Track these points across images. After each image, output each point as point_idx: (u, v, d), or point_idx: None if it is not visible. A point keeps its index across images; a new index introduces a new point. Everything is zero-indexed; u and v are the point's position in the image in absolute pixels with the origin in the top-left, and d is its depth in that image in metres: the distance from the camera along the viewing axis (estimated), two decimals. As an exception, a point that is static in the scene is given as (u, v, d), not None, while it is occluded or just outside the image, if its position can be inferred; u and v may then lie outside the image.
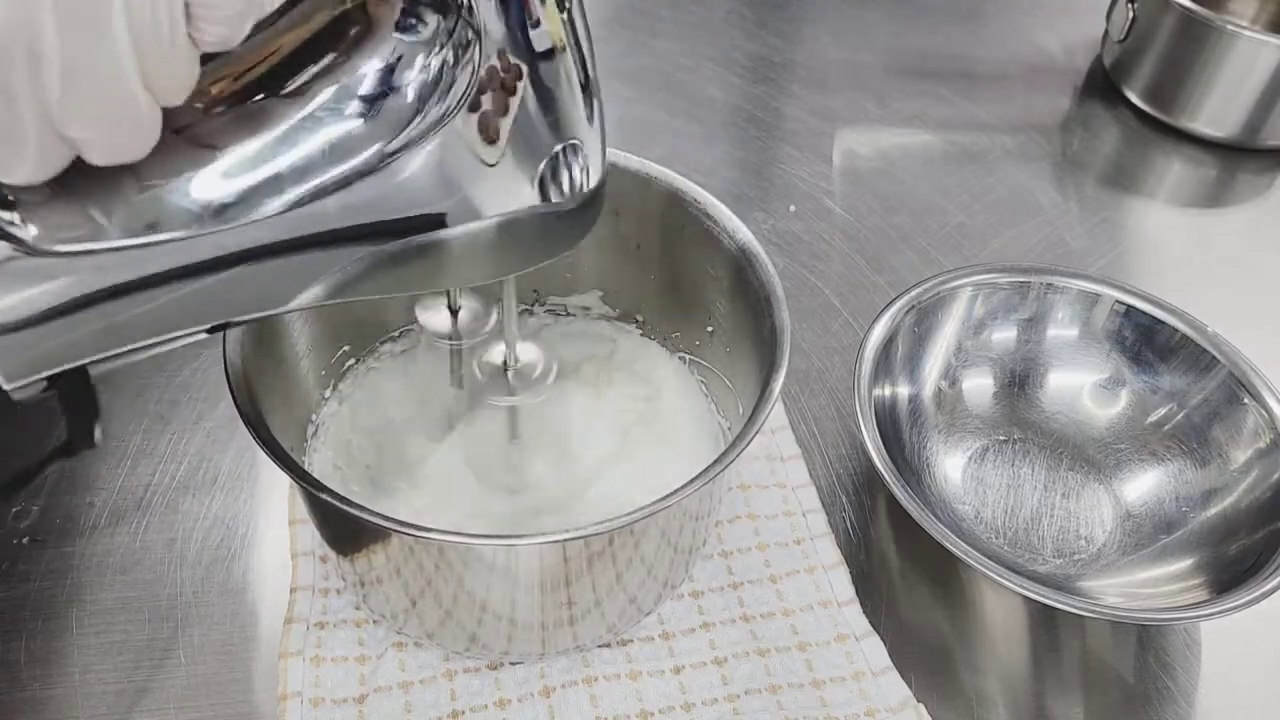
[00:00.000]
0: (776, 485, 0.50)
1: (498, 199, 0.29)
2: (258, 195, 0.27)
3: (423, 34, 0.27)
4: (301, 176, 0.27)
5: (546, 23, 0.28)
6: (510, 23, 0.27)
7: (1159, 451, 0.50)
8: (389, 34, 0.27)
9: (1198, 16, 0.69)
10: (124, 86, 0.21)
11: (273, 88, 0.26)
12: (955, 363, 0.53)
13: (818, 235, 0.65)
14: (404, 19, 0.27)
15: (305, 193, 0.27)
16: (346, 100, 0.27)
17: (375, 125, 0.27)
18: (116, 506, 0.47)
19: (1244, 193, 0.73)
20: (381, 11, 0.27)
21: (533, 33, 0.27)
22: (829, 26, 0.85)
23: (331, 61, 0.26)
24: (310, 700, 0.40)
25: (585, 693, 0.42)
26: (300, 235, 0.28)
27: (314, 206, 0.27)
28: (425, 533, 0.33)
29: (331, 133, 0.27)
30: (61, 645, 0.42)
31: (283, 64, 0.26)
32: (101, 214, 0.26)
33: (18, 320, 0.26)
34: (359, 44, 0.27)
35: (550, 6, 0.28)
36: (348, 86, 0.26)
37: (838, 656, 0.43)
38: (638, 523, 0.33)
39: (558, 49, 0.28)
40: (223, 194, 0.26)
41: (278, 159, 0.26)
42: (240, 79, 0.26)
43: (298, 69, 0.26)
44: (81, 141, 0.22)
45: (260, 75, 0.26)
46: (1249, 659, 0.45)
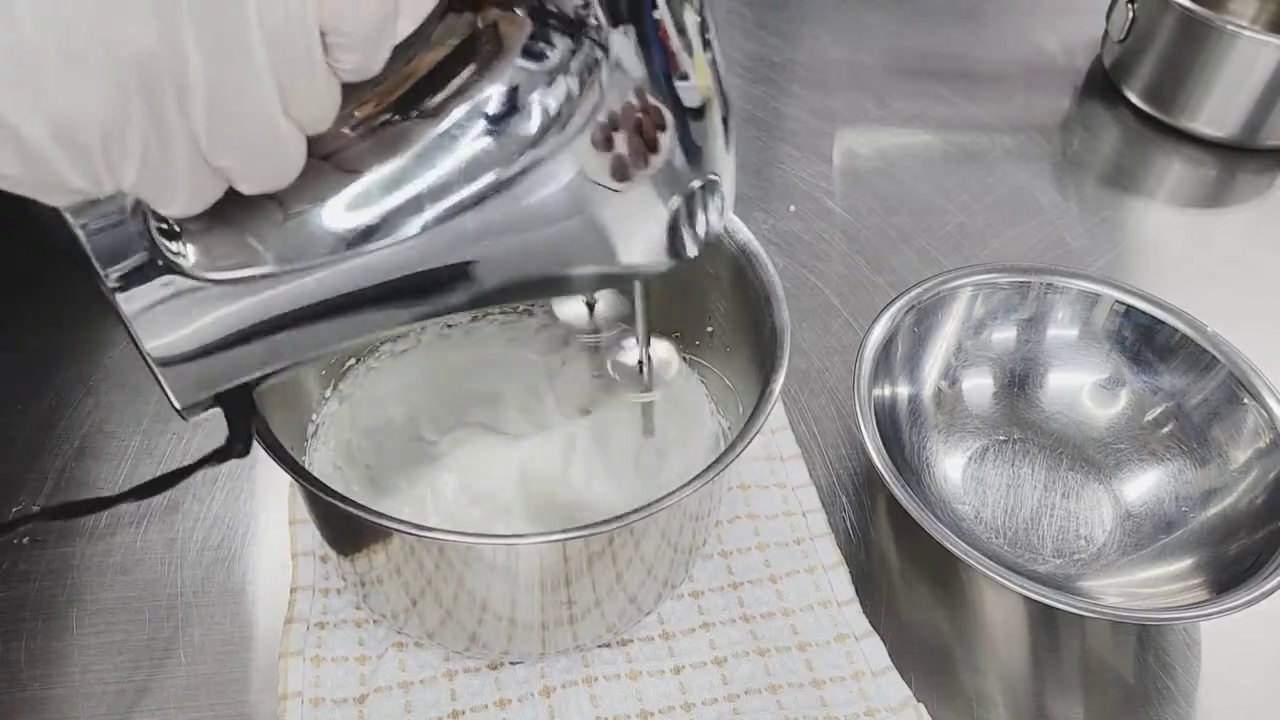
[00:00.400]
0: (776, 485, 0.50)
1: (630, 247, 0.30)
2: (399, 215, 0.27)
3: (550, 60, 0.27)
4: (439, 196, 0.27)
5: (695, 76, 0.27)
6: (654, 70, 0.27)
7: (1159, 451, 0.50)
8: (516, 56, 0.27)
9: (1198, 16, 0.69)
10: (267, 116, 0.22)
11: (408, 110, 0.27)
12: (955, 363, 0.53)
13: (818, 235, 0.65)
14: (532, 40, 0.27)
15: (443, 211, 0.27)
16: (476, 119, 0.27)
17: (504, 144, 0.27)
18: (117, 507, 0.47)
19: (1244, 193, 0.73)
20: (511, 31, 0.27)
21: (679, 85, 0.27)
22: (829, 26, 0.85)
23: (464, 82, 0.27)
24: (310, 700, 0.40)
25: (585, 693, 0.42)
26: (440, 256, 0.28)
27: (451, 225, 0.28)
28: (426, 532, 0.33)
29: (464, 151, 0.27)
30: (61, 645, 0.42)
31: (418, 86, 0.27)
32: (257, 241, 0.27)
33: (188, 350, 0.28)
34: (489, 63, 0.27)
35: (699, 58, 0.27)
36: (477, 105, 0.27)
37: (838, 656, 0.43)
38: (638, 523, 0.33)
39: (709, 105, 0.28)
40: (366, 217, 0.27)
41: (416, 179, 0.27)
42: (379, 103, 0.27)
43: (431, 90, 0.27)
44: (230, 171, 0.23)
45: (397, 98, 0.27)
46: (1249, 659, 0.45)
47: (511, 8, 0.27)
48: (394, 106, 0.27)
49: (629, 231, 0.29)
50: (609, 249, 0.30)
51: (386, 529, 0.33)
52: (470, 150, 0.27)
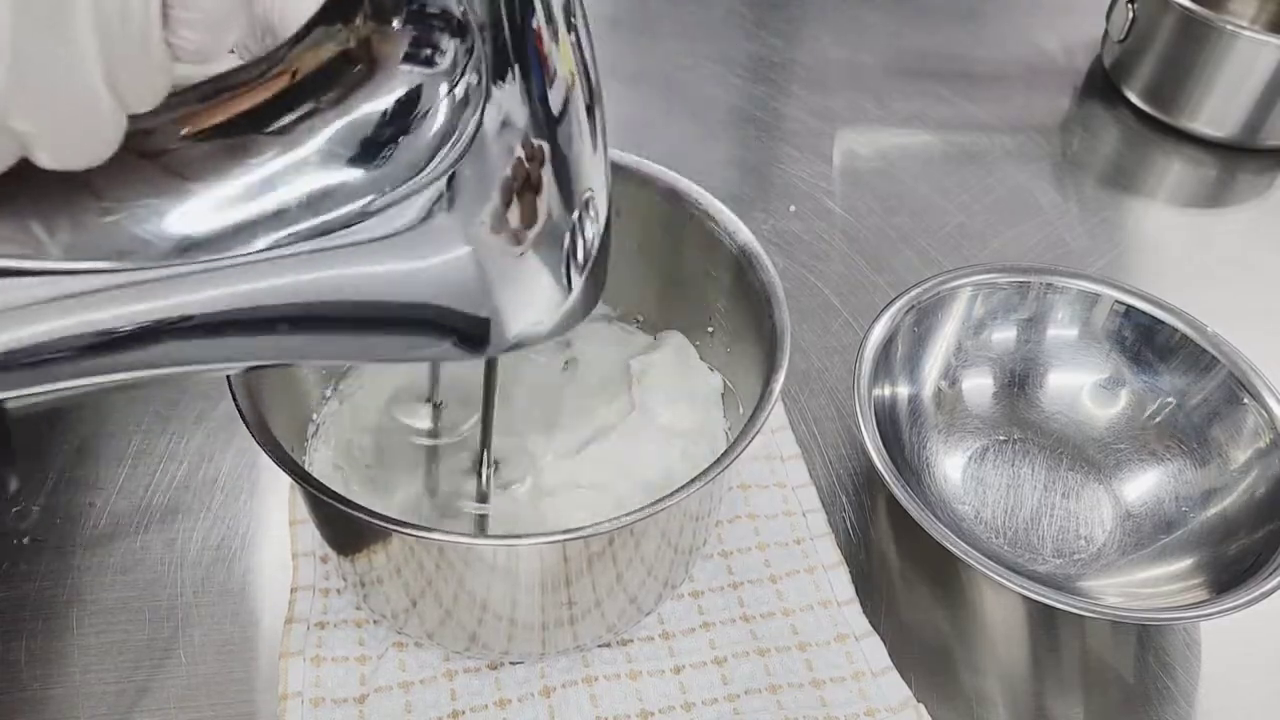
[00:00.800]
0: (776, 485, 0.50)
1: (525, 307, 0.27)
2: (221, 236, 0.23)
3: (439, 65, 0.24)
4: (278, 224, 0.24)
5: (559, 64, 0.25)
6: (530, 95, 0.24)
7: (1159, 451, 0.50)
8: (391, 74, 0.24)
9: (1198, 16, 0.69)
10: (82, 80, 0.19)
11: (260, 124, 0.24)
12: (955, 363, 0.53)
13: (818, 235, 0.65)
14: (408, 59, 0.24)
15: (278, 239, 0.24)
16: (336, 144, 0.24)
17: (366, 174, 0.24)
18: (116, 506, 0.47)
19: (1244, 193, 0.73)
20: (386, 48, 0.24)
21: (550, 94, 0.25)
22: (829, 26, 0.85)
23: (328, 100, 0.24)
24: (311, 700, 0.41)
25: (585, 692, 0.42)
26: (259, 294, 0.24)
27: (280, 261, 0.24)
28: (425, 533, 0.33)
29: (319, 177, 0.24)
30: (61, 645, 0.42)
31: (274, 99, 0.24)
32: (44, 230, 0.22)
33: None
34: (358, 85, 0.24)
35: (562, 42, 0.25)
36: (340, 130, 0.24)
37: (838, 656, 0.43)
38: (638, 523, 0.33)
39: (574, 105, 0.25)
40: (184, 228, 0.23)
41: (258, 198, 0.24)
42: (227, 113, 0.24)
43: (289, 107, 0.24)
44: (28, 136, 0.20)
45: (247, 110, 0.24)
46: (1249, 659, 0.45)
47: (389, 21, 0.24)
48: (244, 118, 0.24)
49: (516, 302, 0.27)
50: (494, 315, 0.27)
51: (386, 530, 0.33)
52: (325, 177, 0.24)
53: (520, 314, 0.27)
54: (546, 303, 0.28)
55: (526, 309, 0.28)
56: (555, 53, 0.25)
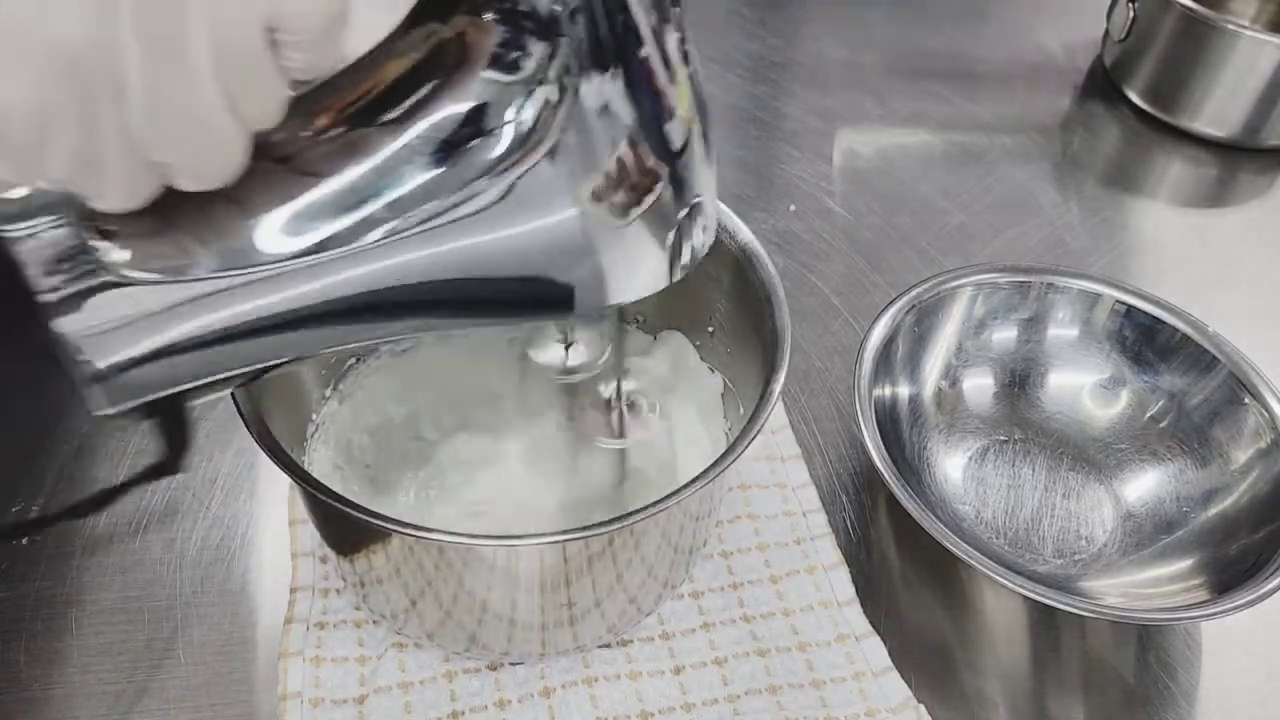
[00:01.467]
0: (777, 485, 0.50)
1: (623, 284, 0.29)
2: (353, 228, 0.26)
3: (524, 69, 0.25)
4: (395, 210, 0.26)
5: (679, 107, 0.27)
6: (644, 116, 0.26)
7: (1159, 451, 0.50)
8: (482, 68, 0.25)
9: (1198, 16, 0.69)
10: (208, 111, 0.21)
11: (369, 120, 0.26)
12: (955, 363, 0.53)
13: (818, 235, 0.65)
14: (500, 51, 0.25)
15: (396, 226, 0.26)
16: (437, 137, 0.26)
17: (467, 162, 0.26)
18: (116, 507, 0.47)
19: (1244, 193, 0.73)
20: (478, 43, 0.25)
21: (667, 128, 0.27)
22: (829, 26, 0.85)
23: (429, 92, 0.26)
24: (310, 700, 0.40)
25: (585, 693, 0.42)
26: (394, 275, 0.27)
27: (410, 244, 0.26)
28: (425, 533, 0.33)
29: (425, 168, 0.26)
30: (61, 645, 0.42)
31: (380, 97, 0.26)
32: (198, 243, 0.25)
33: (121, 361, 0.26)
34: (452, 76, 0.26)
35: (681, 85, 0.27)
36: (440, 122, 0.26)
37: (838, 657, 0.43)
38: (638, 523, 0.33)
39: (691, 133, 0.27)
40: (318, 225, 0.26)
41: (375, 192, 0.26)
42: (339, 112, 0.26)
43: (394, 102, 0.26)
44: (166, 166, 0.22)
45: (358, 108, 0.26)
46: (1249, 659, 0.45)
47: (480, 14, 0.26)
48: (355, 115, 0.26)
49: (619, 269, 0.28)
50: (597, 287, 0.28)
51: (386, 530, 0.33)
52: (434, 166, 0.26)
53: (624, 281, 0.29)
54: (649, 276, 0.29)
55: (629, 277, 0.29)
56: (672, 91, 0.27)
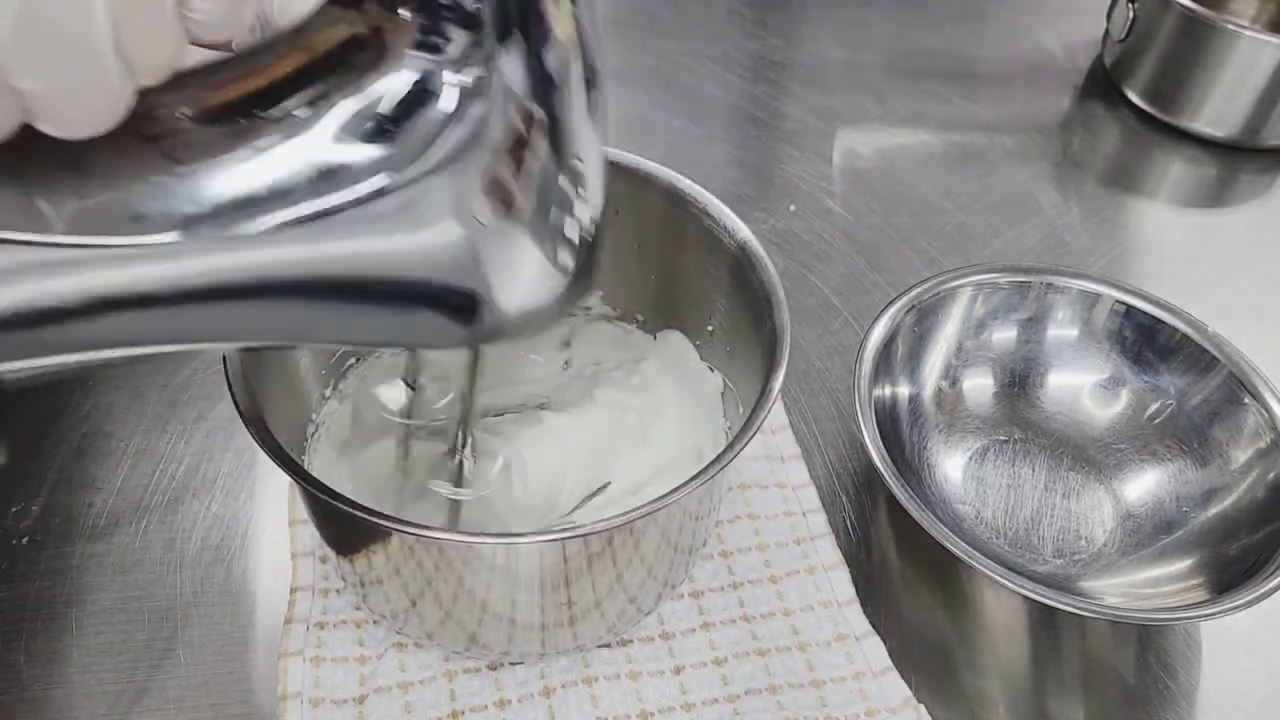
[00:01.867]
0: (777, 485, 0.50)
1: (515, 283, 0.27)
2: (222, 214, 0.23)
3: (437, 59, 0.24)
4: (279, 202, 0.24)
5: (557, 27, 0.25)
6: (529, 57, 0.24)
7: (1159, 451, 0.50)
8: (399, 60, 0.24)
9: (1198, 16, 0.69)
10: (92, 41, 0.19)
11: (264, 106, 0.24)
12: (955, 363, 0.53)
13: (818, 235, 0.65)
14: (417, 47, 0.24)
15: (280, 221, 0.24)
16: (341, 128, 0.24)
17: (370, 158, 0.24)
18: (116, 506, 0.47)
19: (1244, 193, 0.73)
20: (395, 36, 0.24)
21: (547, 55, 0.25)
22: (829, 26, 0.85)
23: (334, 84, 0.24)
24: (310, 700, 0.40)
25: (585, 693, 0.42)
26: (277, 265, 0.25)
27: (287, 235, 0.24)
28: (425, 532, 0.33)
29: (318, 158, 0.24)
30: (61, 645, 0.42)
31: (279, 82, 0.24)
32: (47, 203, 0.22)
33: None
34: (366, 69, 0.24)
35: (564, 8, 0.25)
36: (345, 113, 0.24)
37: (838, 656, 0.43)
38: (637, 522, 0.33)
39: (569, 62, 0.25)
40: (184, 207, 0.23)
41: (254, 179, 0.24)
42: (232, 95, 0.24)
43: (293, 90, 0.24)
44: (32, 98, 0.19)
45: (253, 92, 0.24)
46: (1249, 659, 0.45)
47: (398, 8, 0.24)
48: (249, 100, 0.24)
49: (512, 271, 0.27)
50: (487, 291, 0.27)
51: (386, 529, 0.33)
52: (324, 158, 0.24)
53: (511, 290, 0.27)
54: (537, 279, 0.28)
55: (517, 285, 0.27)
56: (556, 17, 0.25)
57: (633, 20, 0.84)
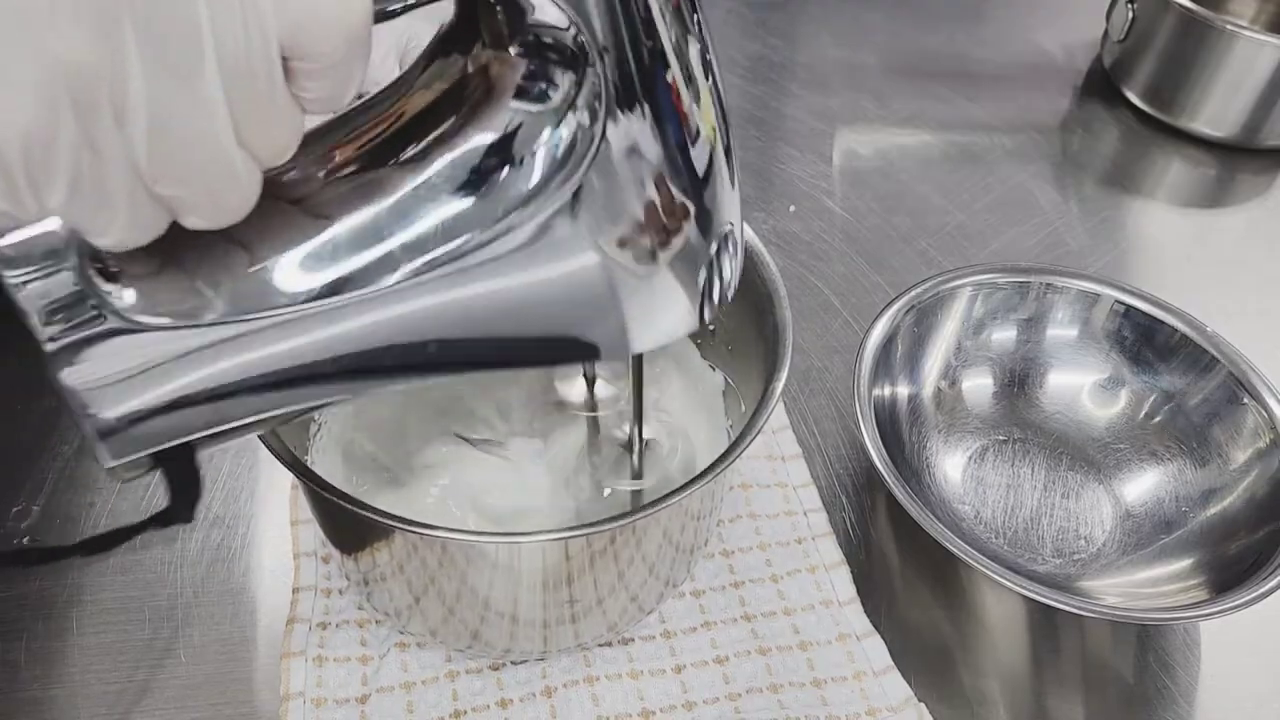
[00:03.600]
0: (777, 485, 0.50)
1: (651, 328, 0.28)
2: (368, 271, 0.25)
3: (551, 100, 0.24)
4: (415, 252, 0.25)
5: (703, 127, 0.25)
6: (667, 141, 0.25)
7: (1159, 451, 0.50)
8: (508, 100, 0.24)
9: (1198, 16, 0.69)
10: (218, 143, 0.20)
11: (388, 157, 0.25)
12: (955, 362, 0.53)
13: (818, 235, 0.65)
14: (526, 84, 0.24)
15: (417, 268, 0.25)
16: (460, 171, 0.24)
17: (488, 200, 0.25)
18: (116, 506, 0.47)
19: (1244, 193, 0.73)
20: (503, 76, 0.24)
21: (692, 153, 0.25)
22: (829, 26, 0.85)
23: (449, 129, 0.25)
24: (313, 700, 0.40)
25: (587, 692, 0.42)
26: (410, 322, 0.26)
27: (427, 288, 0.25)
28: (429, 530, 0.33)
29: (445, 207, 0.25)
30: (61, 645, 0.42)
31: (399, 132, 0.25)
32: (208, 286, 0.24)
33: (130, 413, 0.25)
34: (477, 111, 0.24)
35: (705, 105, 0.25)
36: (462, 157, 0.24)
37: (839, 656, 0.43)
38: (639, 521, 0.33)
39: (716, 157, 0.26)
40: (332, 269, 0.24)
41: (390, 232, 0.25)
42: (357, 148, 0.25)
43: (414, 137, 0.25)
44: (173, 200, 0.21)
45: (376, 144, 0.25)
46: (1249, 659, 0.46)
47: (505, 48, 0.24)
48: (373, 153, 0.25)
49: (645, 317, 0.27)
50: (620, 336, 0.27)
51: (390, 526, 0.33)
52: (454, 204, 0.25)
53: (648, 329, 0.28)
54: (676, 320, 0.28)
55: (655, 325, 0.28)
56: (696, 111, 0.25)
57: (632, 20, 0.84)
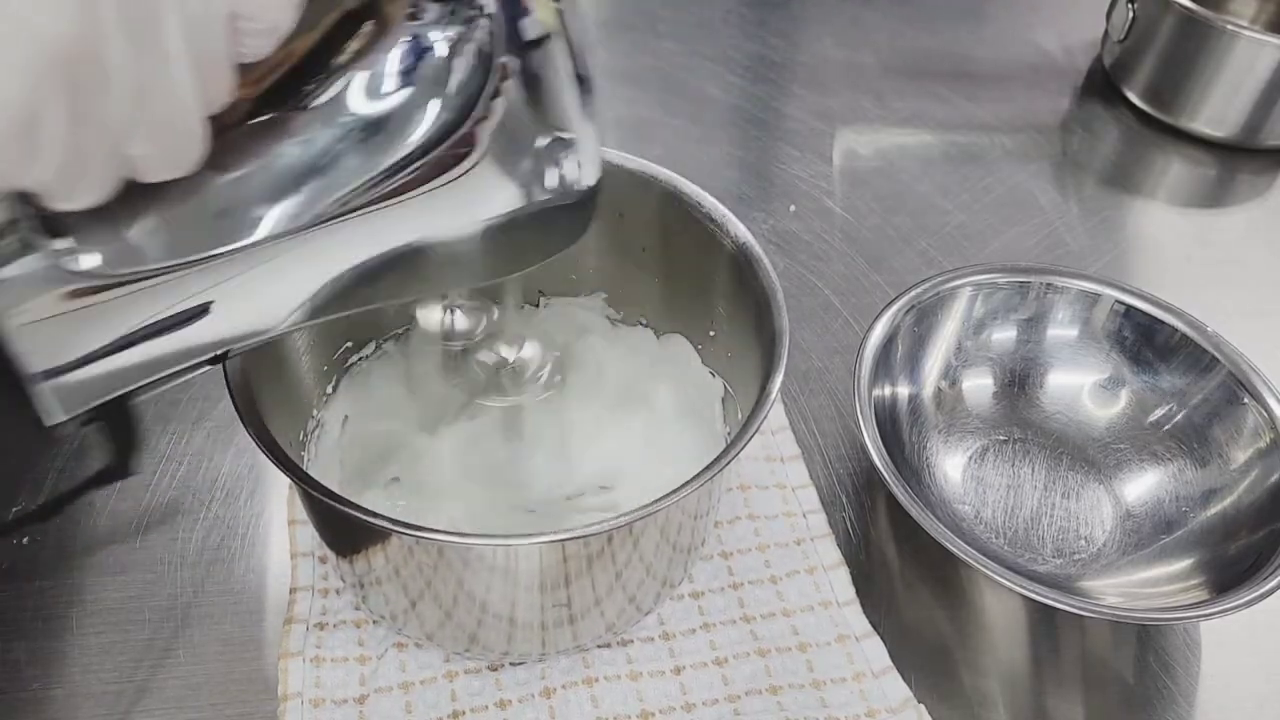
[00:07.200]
0: (776, 486, 0.50)
1: (481, 202, 0.29)
2: (281, 205, 0.26)
3: (430, 18, 0.26)
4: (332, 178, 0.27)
5: (538, 9, 0.27)
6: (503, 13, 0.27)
7: (1159, 451, 0.50)
8: (401, 25, 0.26)
9: (1198, 16, 0.69)
10: (184, 103, 0.22)
11: (290, 95, 0.26)
12: (955, 362, 0.53)
13: (818, 235, 0.65)
14: (414, 8, 0.26)
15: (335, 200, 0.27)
16: (367, 96, 0.26)
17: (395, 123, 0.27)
18: (116, 506, 0.47)
19: (1244, 193, 0.73)
20: (391, 5, 0.26)
21: (523, 22, 0.27)
22: (829, 26, 0.85)
23: (349, 59, 0.26)
24: (311, 701, 0.40)
25: (586, 693, 0.42)
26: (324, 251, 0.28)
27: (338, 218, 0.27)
28: (424, 533, 0.33)
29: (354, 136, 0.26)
30: (61, 645, 0.42)
31: (304, 66, 0.26)
32: (142, 235, 0.25)
33: (71, 359, 0.27)
34: (374, 39, 0.26)
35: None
36: (365, 84, 0.26)
37: (838, 657, 0.43)
38: (636, 522, 0.33)
39: (549, 37, 0.27)
40: (250, 208, 0.26)
41: (300, 165, 0.26)
42: (256, 89, 0.26)
43: (318, 69, 0.26)
44: (141, 158, 0.22)
45: (286, 79, 0.26)
46: (1249, 659, 0.45)
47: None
48: (274, 92, 0.26)
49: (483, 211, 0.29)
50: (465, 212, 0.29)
51: (385, 529, 0.33)
52: (351, 133, 0.26)
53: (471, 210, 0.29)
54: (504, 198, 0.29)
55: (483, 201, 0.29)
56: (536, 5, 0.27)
57: (633, 21, 0.84)
